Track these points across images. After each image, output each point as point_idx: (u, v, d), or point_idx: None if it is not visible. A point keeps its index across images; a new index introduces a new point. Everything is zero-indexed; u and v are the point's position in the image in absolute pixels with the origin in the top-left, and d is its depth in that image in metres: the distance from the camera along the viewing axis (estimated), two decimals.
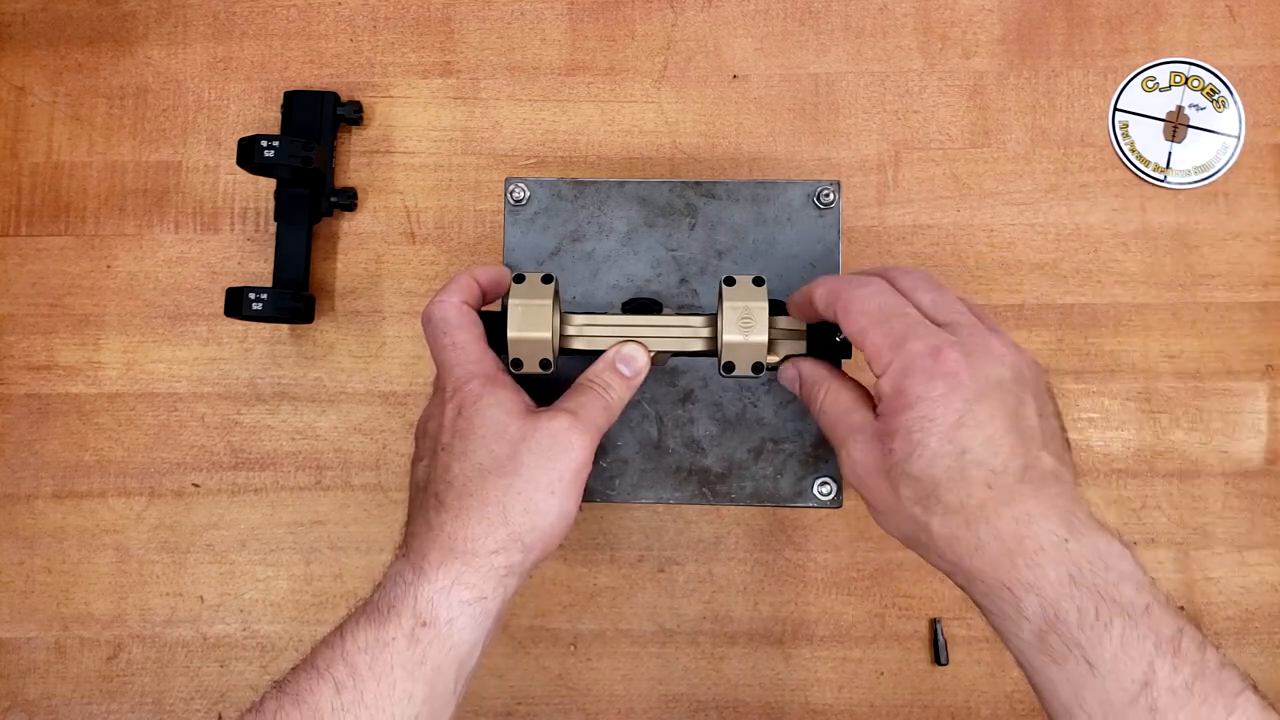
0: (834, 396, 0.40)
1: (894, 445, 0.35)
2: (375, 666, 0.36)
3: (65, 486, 0.57)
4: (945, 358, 0.35)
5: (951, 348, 0.35)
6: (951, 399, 0.34)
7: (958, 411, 0.34)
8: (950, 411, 0.34)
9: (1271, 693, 0.54)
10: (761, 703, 0.55)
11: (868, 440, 0.37)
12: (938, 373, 0.35)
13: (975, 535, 0.34)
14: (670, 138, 0.58)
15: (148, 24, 0.60)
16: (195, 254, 0.58)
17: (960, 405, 0.34)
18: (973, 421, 0.34)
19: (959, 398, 0.34)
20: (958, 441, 0.34)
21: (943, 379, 0.35)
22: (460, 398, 0.41)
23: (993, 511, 0.34)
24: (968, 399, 0.34)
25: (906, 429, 0.35)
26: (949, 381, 0.35)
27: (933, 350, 0.35)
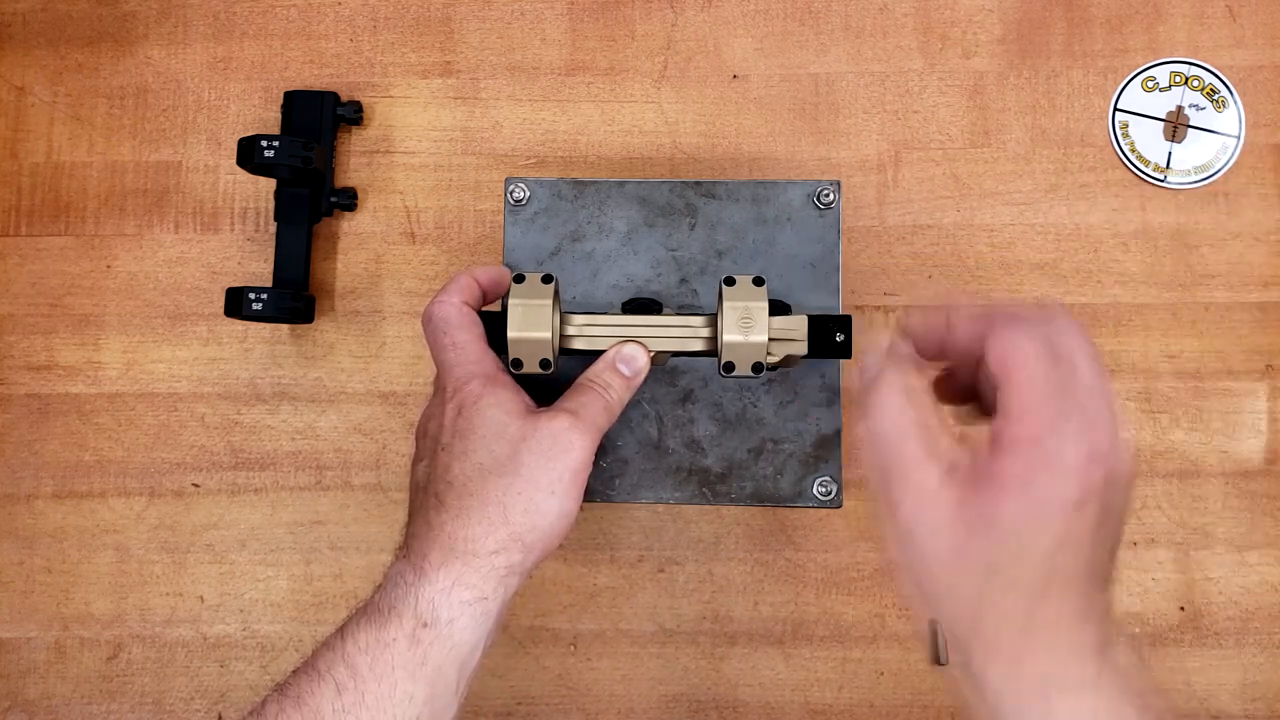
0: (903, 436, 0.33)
1: (988, 536, 0.31)
2: (376, 667, 0.36)
3: (65, 486, 0.57)
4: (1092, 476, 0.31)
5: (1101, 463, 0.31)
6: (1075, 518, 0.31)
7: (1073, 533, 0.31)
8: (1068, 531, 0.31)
9: (1271, 692, 0.54)
10: (761, 703, 0.55)
11: (942, 511, 0.32)
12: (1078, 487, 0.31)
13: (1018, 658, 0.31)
14: (670, 138, 0.58)
15: (148, 24, 0.60)
16: (195, 254, 0.58)
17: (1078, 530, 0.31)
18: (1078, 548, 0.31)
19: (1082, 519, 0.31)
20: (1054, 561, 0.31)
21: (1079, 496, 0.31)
22: (461, 398, 0.41)
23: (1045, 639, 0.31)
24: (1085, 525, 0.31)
25: (1015, 526, 0.31)
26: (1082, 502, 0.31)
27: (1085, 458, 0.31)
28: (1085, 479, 0.30)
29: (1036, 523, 0.30)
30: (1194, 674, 0.54)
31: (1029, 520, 0.31)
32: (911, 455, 0.33)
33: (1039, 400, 0.31)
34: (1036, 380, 0.31)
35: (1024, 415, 0.31)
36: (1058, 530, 0.30)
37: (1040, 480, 0.31)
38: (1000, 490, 0.31)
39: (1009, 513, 0.31)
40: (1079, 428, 0.31)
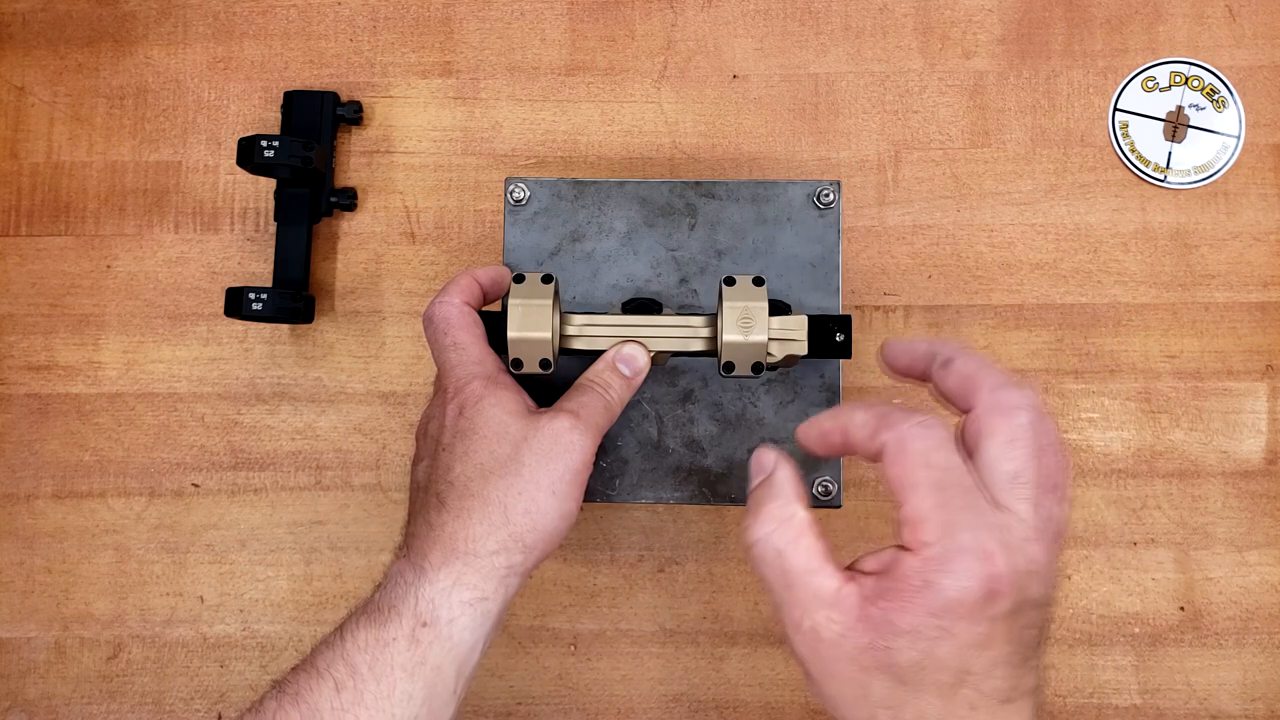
0: (795, 539, 0.33)
1: (892, 642, 0.30)
2: (375, 667, 0.36)
3: (65, 486, 0.57)
4: (994, 571, 0.30)
5: (1003, 558, 0.30)
6: (980, 616, 0.30)
7: (981, 632, 0.30)
8: (974, 629, 0.30)
9: (1271, 692, 0.54)
10: (761, 703, 0.55)
11: (842, 618, 0.31)
12: (979, 585, 0.30)
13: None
14: (670, 138, 0.58)
15: (148, 24, 0.60)
16: (195, 254, 0.58)
17: (986, 627, 0.30)
18: (989, 643, 0.30)
19: (988, 616, 0.30)
20: (965, 659, 0.30)
21: (982, 595, 0.30)
22: (462, 398, 0.41)
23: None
24: (994, 621, 0.30)
25: (916, 630, 0.30)
26: (987, 599, 0.30)
27: (985, 556, 0.30)
28: (987, 578, 0.30)
29: (939, 625, 0.30)
30: (1194, 674, 0.54)
31: (930, 623, 0.30)
32: (805, 563, 0.32)
33: (930, 502, 0.31)
34: (926, 483, 0.31)
35: (918, 519, 0.31)
36: (963, 630, 0.30)
37: (938, 583, 0.30)
38: (899, 595, 0.30)
39: (909, 618, 0.30)
40: (975, 526, 0.30)
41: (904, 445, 0.32)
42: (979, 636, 0.30)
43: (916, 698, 0.30)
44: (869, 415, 0.33)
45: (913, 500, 0.31)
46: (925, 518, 0.31)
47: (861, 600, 0.31)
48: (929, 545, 0.30)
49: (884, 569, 0.31)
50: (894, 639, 0.30)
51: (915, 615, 0.30)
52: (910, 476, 0.31)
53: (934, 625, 0.30)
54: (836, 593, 0.32)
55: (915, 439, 0.32)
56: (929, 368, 0.36)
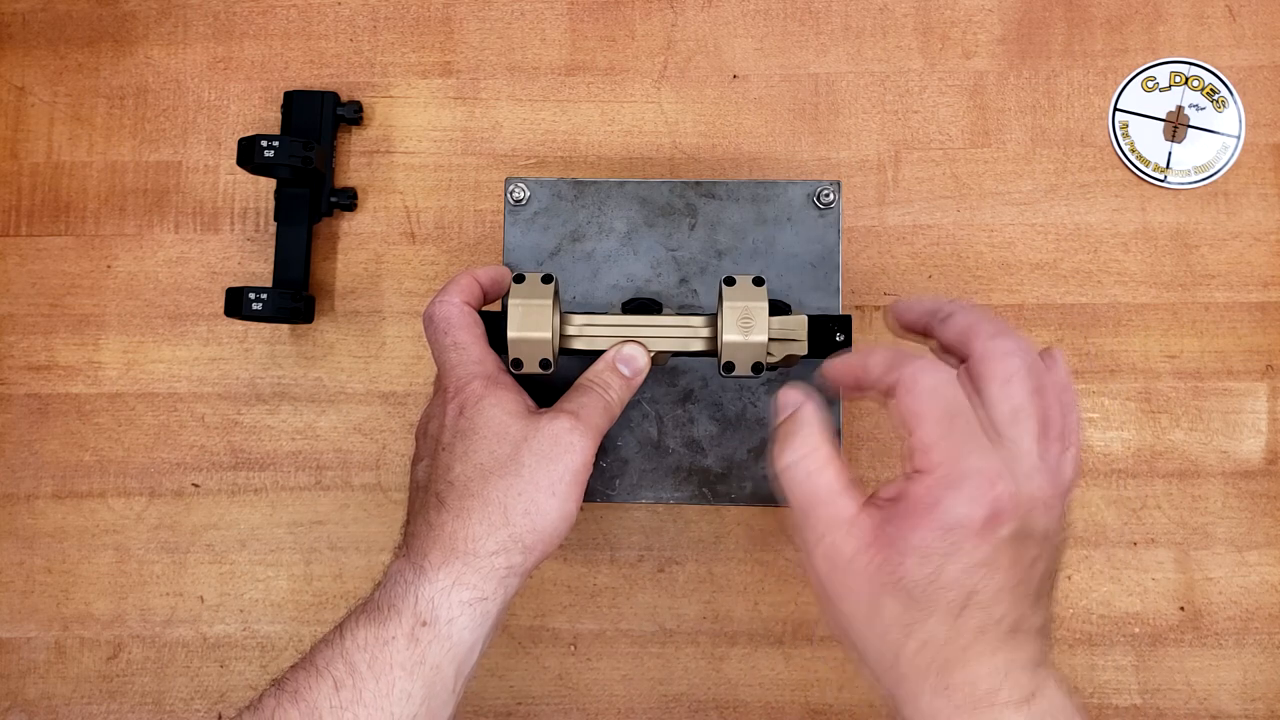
0: (822, 467, 0.35)
1: (903, 559, 0.32)
2: (374, 665, 0.36)
3: (65, 486, 0.57)
4: (998, 493, 0.32)
5: (1007, 482, 0.32)
6: (987, 536, 0.32)
7: (987, 552, 0.32)
8: (980, 549, 0.32)
9: (1271, 692, 0.54)
10: (761, 703, 0.55)
11: (858, 537, 0.33)
12: (985, 504, 0.32)
13: (948, 677, 0.32)
14: (670, 138, 0.58)
15: (148, 24, 0.60)
16: (195, 254, 0.58)
17: (991, 548, 0.32)
18: (995, 566, 0.32)
19: (994, 537, 0.32)
20: (972, 580, 0.32)
21: (987, 514, 0.32)
22: (462, 398, 0.41)
23: (974, 657, 0.32)
24: (999, 543, 0.32)
25: (926, 548, 0.32)
26: (992, 519, 0.32)
27: (989, 478, 0.32)
28: (992, 499, 0.32)
29: (947, 543, 0.32)
30: (1194, 674, 0.54)
31: (939, 541, 0.32)
32: (829, 485, 0.35)
33: (939, 430, 0.33)
34: (935, 412, 0.33)
35: (927, 445, 0.33)
36: (970, 549, 0.32)
37: (946, 502, 0.32)
38: (910, 514, 0.32)
39: (919, 535, 0.32)
40: (980, 451, 0.33)
41: (916, 378, 0.34)
42: (984, 556, 0.32)
43: (926, 617, 0.32)
44: (885, 355, 0.36)
45: (923, 428, 0.33)
46: (934, 443, 0.33)
47: (877, 522, 0.33)
48: (939, 466, 0.33)
49: (898, 495, 0.33)
50: (905, 556, 0.32)
51: (925, 532, 0.32)
52: (921, 406, 0.34)
53: (943, 542, 0.32)
54: (855, 514, 0.34)
55: (926, 373, 0.34)
56: (931, 323, 0.38)
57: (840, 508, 0.34)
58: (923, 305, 0.39)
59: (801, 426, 0.36)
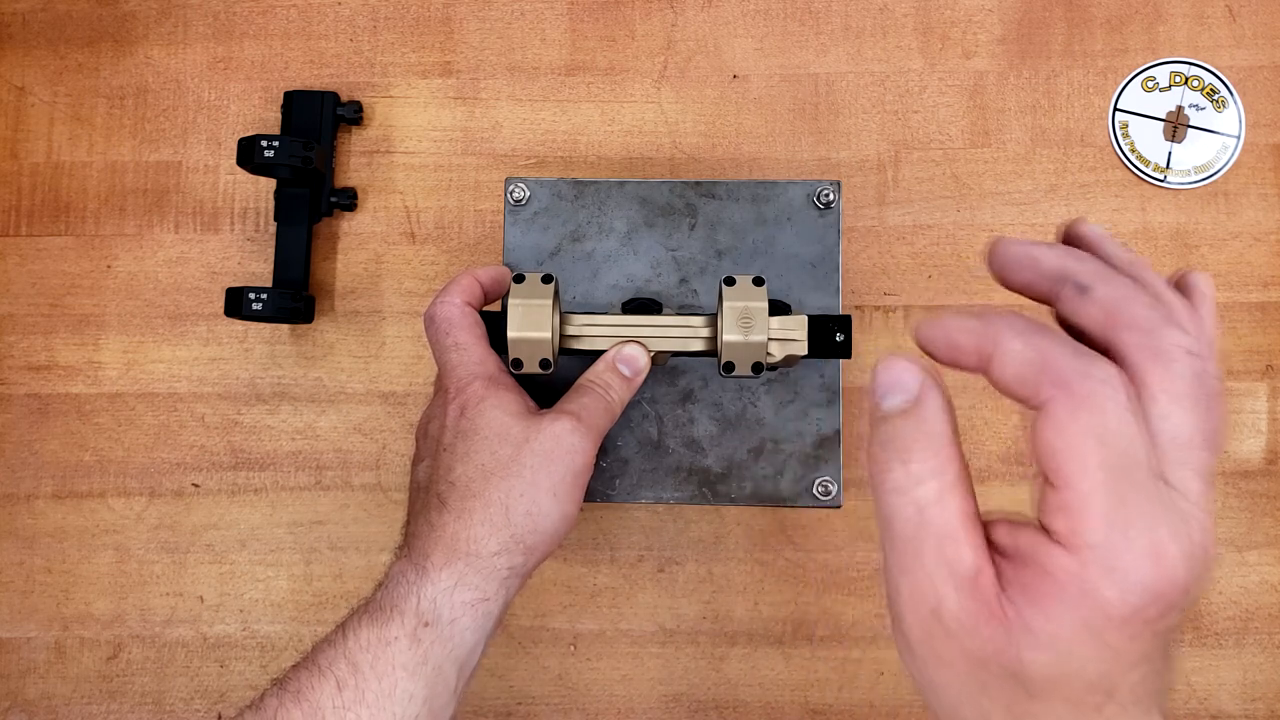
0: (944, 496, 0.25)
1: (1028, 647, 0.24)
2: (377, 665, 0.36)
3: (65, 486, 0.57)
4: (1172, 576, 0.23)
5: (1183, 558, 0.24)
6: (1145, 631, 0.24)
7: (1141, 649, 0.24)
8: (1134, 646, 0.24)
9: (1271, 692, 0.54)
10: (761, 703, 0.55)
11: (976, 603, 0.25)
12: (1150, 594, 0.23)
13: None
14: (670, 138, 0.58)
15: (148, 24, 0.60)
16: (195, 254, 0.58)
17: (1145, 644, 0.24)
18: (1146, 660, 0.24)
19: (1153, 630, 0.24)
20: (1113, 679, 0.24)
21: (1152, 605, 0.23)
22: (463, 399, 0.41)
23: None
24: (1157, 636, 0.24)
25: (1063, 642, 0.24)
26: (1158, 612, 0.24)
27: (1161, 559, 0.23)
28: (1161, 588, 0.24)
29: (1093, 640, 0.24)
30: (1194, 674, 0.54)
31: (1082, 637, 0.24)
32: (950, 524, 0.25)
33: (1101, 492, 0.24)
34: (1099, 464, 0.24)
35: (1080, 508, 0.24)
36: (1118, 645, 0.24)
37: (1100, 591, 0.24)
38: (1047, 594, 0.24)
39: (1057, 626, 0.24)
40: (1148, 519, 0.24)
41: (1078, 411, 0.24)
42: (1138, 654, 0.24)
43: (1042, 708, 0.25)
44: (1026, 349, 0.25)
45: (1076, 483, 0.24)
46: (1089, 507, 0.24)
47: (998, 590, 0.25)
48: (1092, 540, 0.24)
49: (1025, 554, 0.25)
50: (1030, 649, 0.24)
51: (1062, 625, 0.24)
52: (1077, 451, 0.24)
53: (1084, 641, 0.24)
54: (975, 570, 0.25)
55: (1095, 403, 0.24)
56: (1059, 291, 0.28)
57: (960, 556, 0.25)
58: (1048, 260, 0.28)
59: (923, 433, 0.26)
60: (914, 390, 0.26)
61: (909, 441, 0.26)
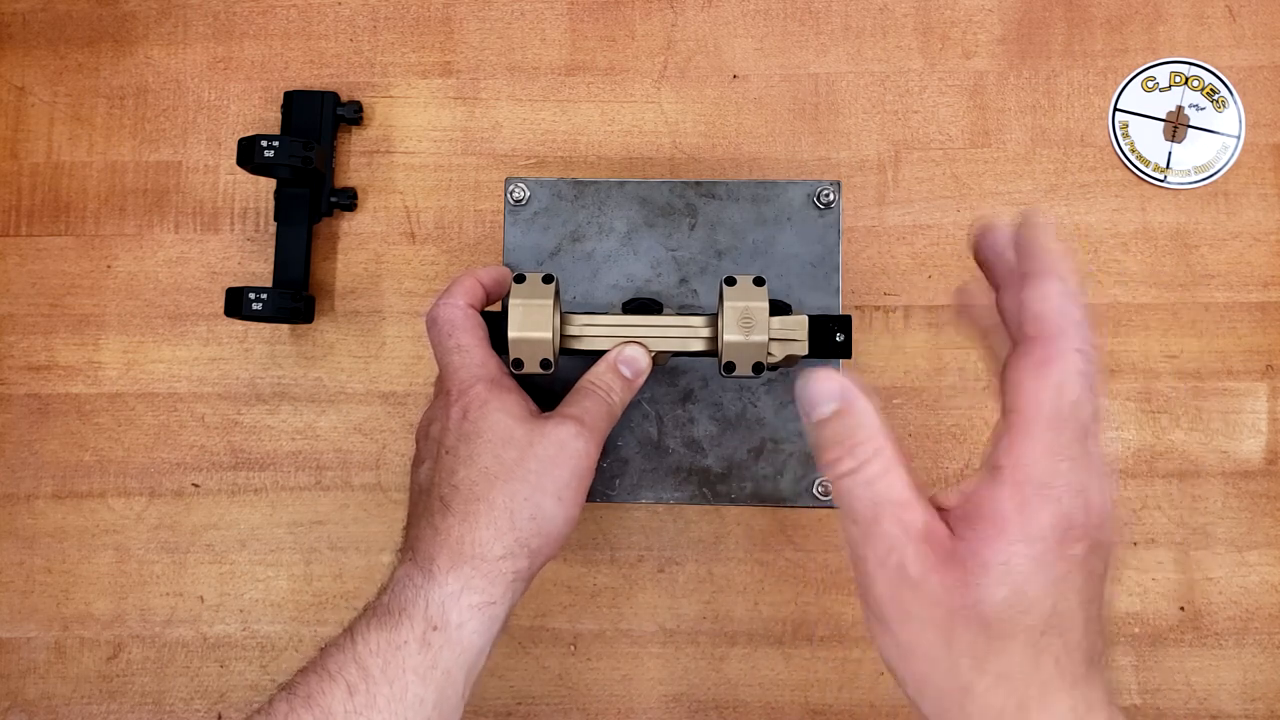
0: (886, 471, 0.30)
1: (982, 578, 0.28)
2: (388, 670, 0.36)
3: (65, 486, 0.57)
4: (1094, 502, 0.28)
5: (1097, 494, 0.29)
6: (1064, 551, 0.28)
7: (1064, 568, 0.28)
8: (1059, 564, 0.28)
9: (1271, 692, 0.54)
10: (761, 703, 0.55)
11: (929, 555, 0.29)
12: (1066, 515, 0.28)
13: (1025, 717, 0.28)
14: (670, 138, 0.58)
15: (148, 24, 0.60)
16: (195, 254, 0.58)
17: (1067, 564, 0.28)
18: (1071, 583, 0.28)
19: (1071, 553, 0.28)
20: (1052, 599, 0.28)
21: (1068, 525, 0.28)
22: (466, 401, 0.41)
23: (1053, 694, 0.28)
24: (1074, 560, 0.28)
25: (1009, 563, 0.28)
26: (1072, 532, 0.28)
27: (1076, 488, 0.28)
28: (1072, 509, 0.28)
29: (1031, 557, 0.28)
30: (1194, 674, 0.54)
31: (1023, 555, 0.28)
32: (897, 494, 0.30)
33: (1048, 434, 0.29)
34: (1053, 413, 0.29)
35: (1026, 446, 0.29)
36: (1051, 564, 0.28)
37: (1033, 509, 0.28)
38: (991, 524, 0.28)
39: (1001, 548, 0.28)
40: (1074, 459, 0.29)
41: (1050, 362, 0.29)
42: (1062, 572, 0.28)
43: (1004, 646, 0.28)
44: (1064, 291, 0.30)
45: (1028, 418, 0.29)
46: (1033, 438, 0.28)
47: (948, 535, 0.29)
48: (1030, 469, 0.28)
49: (972, 502, 0.29)
50: (985, 574, 0.28)
51: (1009, 545, 0.28)
52: (1038, 392, 0.29)
53: (1027, 556, 0.28)
54: (926, 526, 0.29)
55: (1064, 363, 0.29)
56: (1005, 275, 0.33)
57: (910, 520, 0.29)
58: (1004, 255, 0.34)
59: (858, 425, 0.30)
60: (839, 394, 0.31)
61: (849, 433, 0.30)
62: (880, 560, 0.29)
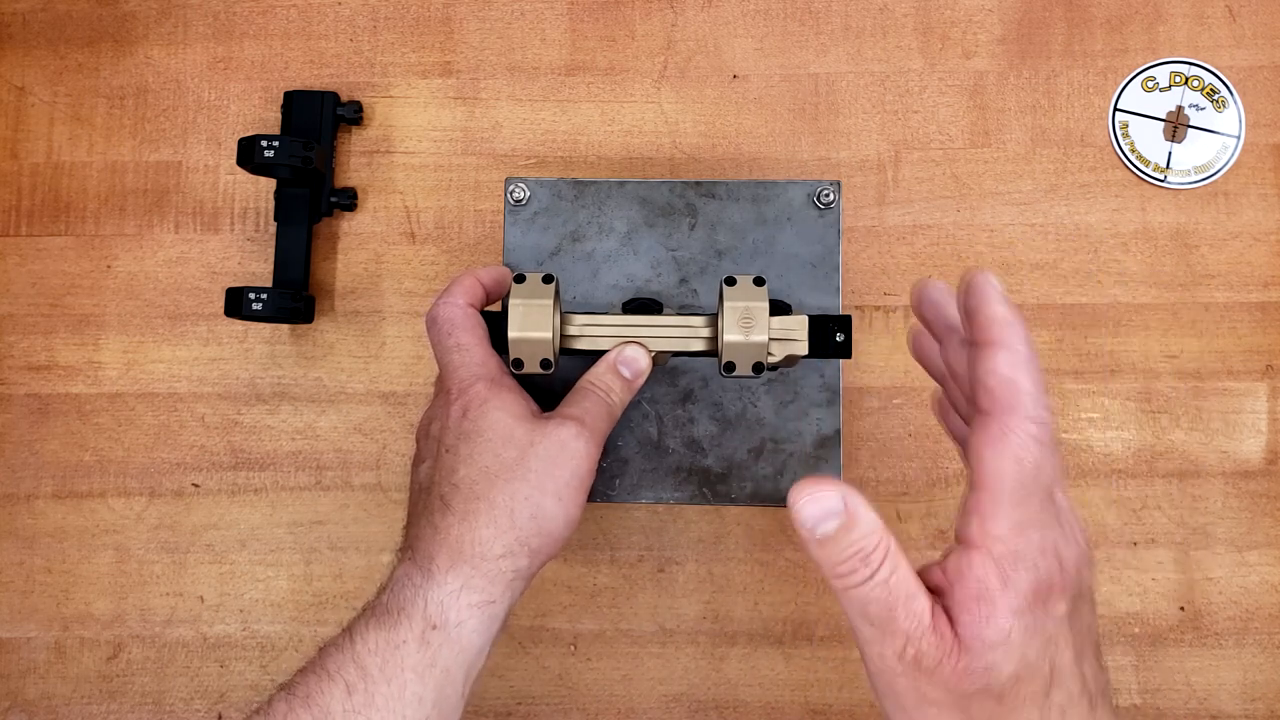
0: (895, 568, 0.30)
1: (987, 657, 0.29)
2: (386, 669, 0.36)
3: (65, 486, 0.57)
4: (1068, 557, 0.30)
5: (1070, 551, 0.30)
6: (1052, 611, 0.30)
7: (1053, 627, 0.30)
8: (1048, 624, 0.30)
9: (1271, 692, 0.54)
10: (761, 703, 0.55)
11: (940, 641, 0.29)
12: (1046, 578, 0.29)
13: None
14: (670, 138, 0.58)
15: (148, 24, 0.60)
16: (195, 254, 0.58)
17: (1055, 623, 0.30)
18: (1064, 639, 0.30)
19: (1058, 611, 0.30)
20: (1048, 659, 0.30)
21: (1050, 588, 0.30)
22: (466, 400, 0.41)
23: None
24: (1062, 617, 0.30)
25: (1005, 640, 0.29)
26: (1054, 593, 0.30)
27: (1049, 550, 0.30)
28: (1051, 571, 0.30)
29: (1022, 627, 0.29)
30: (1194, 674, 0.54)
31: (1016, 627, 0.29)
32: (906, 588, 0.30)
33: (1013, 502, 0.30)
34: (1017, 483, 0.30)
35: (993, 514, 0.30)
36: (1042, 627, 0.29)
37: (1014, 581, 0.29)
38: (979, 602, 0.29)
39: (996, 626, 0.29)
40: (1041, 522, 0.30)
41: (1008, 436, 0.30)
42: (1053, 631, 0.30)
43: (1015, 715, 0.29)
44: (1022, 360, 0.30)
45: (994, 490, 0.30)
46: (1003, 517, 0.29)
47: (946, 617, 0.30)
48: (1000, 541, 0.29)
49: (952, 577, 0.30)
50: (988, 653, 0.29)
51: (1001, 621, 0.29)
52: (1004, 468, 0.29)
53: (1019, 627, 0.29)
54: (932, 616, 0.30)
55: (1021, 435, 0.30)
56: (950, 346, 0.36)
57: (919, 611, 0.30)
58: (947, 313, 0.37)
59: (866, 534, 0.30)
60: (841, 507, 0.30)
61: (858, 546, 0.30)
62: (899, 654, 0.30)
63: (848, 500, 0.30)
